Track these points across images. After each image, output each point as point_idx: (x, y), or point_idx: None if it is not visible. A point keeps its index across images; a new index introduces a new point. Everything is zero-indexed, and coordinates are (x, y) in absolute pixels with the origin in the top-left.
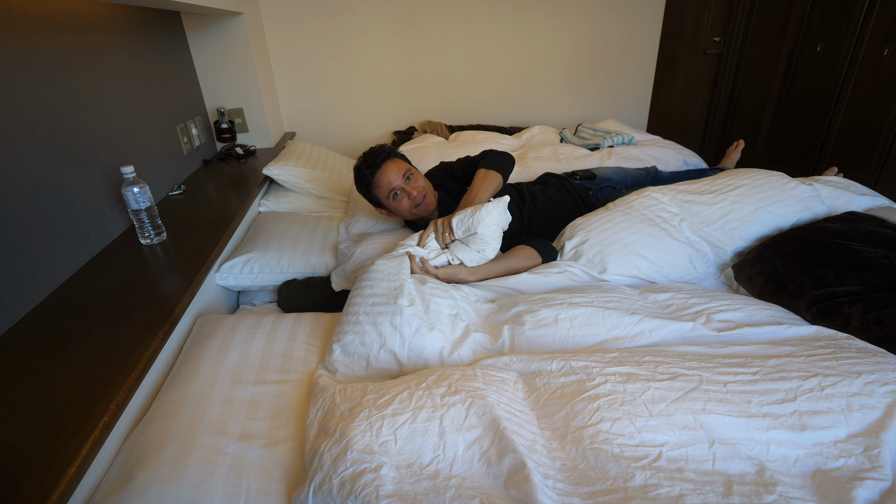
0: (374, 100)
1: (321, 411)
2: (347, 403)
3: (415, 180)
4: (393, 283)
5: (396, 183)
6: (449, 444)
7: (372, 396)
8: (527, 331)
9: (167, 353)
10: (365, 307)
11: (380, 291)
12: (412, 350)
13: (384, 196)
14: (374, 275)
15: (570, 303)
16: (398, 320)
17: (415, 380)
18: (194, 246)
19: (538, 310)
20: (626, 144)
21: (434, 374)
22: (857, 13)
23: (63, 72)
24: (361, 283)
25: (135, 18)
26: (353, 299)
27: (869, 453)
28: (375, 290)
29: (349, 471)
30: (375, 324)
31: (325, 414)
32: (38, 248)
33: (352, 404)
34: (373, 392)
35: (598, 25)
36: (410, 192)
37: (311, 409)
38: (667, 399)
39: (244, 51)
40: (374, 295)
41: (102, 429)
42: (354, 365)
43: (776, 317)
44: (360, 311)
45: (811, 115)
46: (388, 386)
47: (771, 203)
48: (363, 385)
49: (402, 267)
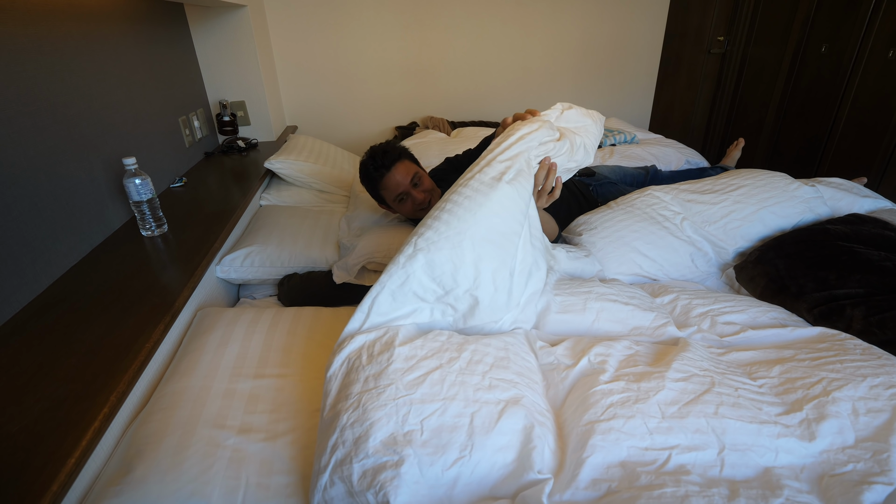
0: (376, 94)
1: (346, 366)
2: (374, 367)
3: (422, 185)
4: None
5: (404, 188)
6: (477, 446)
7: (400, 367)
8: (553, 314)
9: (167, 346)
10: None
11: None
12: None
13: (391, 198)
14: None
15: (598, 293)
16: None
17: (447, 355)
18: (195, 238)
19: (565, 296)
20: (628, 143)
21: (467, 349)
22: (863, 14)
23: (66, 62)
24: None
25: (139, 10)
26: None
27: (878, 458)
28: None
29: (370, 461)
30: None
31: (349, 371)
32: (39, 238)
33: (378, 369)
34: (401, 360)
35: (602, 23)
36: (416, 196)
37: (336, 357)
38: (680, 401)
39: (247, 44)
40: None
41: (103, 420)
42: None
43: (780, 319)
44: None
45: (815, 117)
46: (419, 357)
47: (773, 204)
48: (391, 344)
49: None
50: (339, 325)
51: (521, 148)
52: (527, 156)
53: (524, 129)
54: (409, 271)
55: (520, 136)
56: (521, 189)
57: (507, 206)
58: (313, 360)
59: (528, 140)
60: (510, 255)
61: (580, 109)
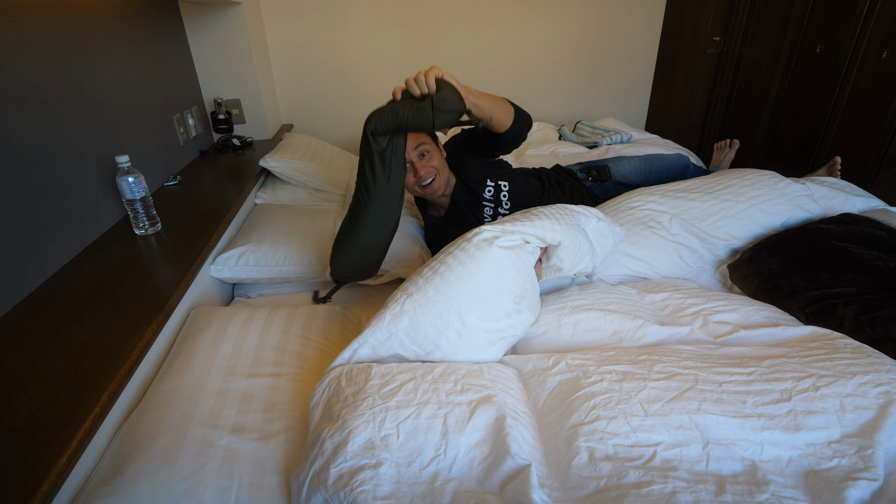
0: (372, 93)
1: (327, 392)
2: (352, 387)
3: (429, 159)
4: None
5: (409, 156)
6: (451, 444)
7: (377, 382)
8: (530, 339)
9: (160, 345)
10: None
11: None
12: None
13: None
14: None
15: (571, 307)
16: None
17: (421, 370)
18: (189, 237)
19: (540, 317)
20: (624, 143)
21: (440, 366)
22: (857, 15)
23: (58, 59)
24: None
25: (132, 6)
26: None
27: (862, 454)
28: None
29: (348, 464)
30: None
31: (330, 397)
32: (30, 236)
33: (356, 388)
34: (377, 377)
35: (599, 23)
36: (419, 169)
37: (318, 386)
38: (662, 399)
39: (242, 41)
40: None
41: (94, 420)
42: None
43: (772, 318)
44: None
45: (809, 117)
46: (394, 373)
47: (763, 201)
48: (368, 367)
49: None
50: (333, 324)
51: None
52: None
53: (540, 221)
54: (393, 331)
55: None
56: (516, 258)
57: (499, 273)
58: (307, 359)
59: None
60: (497, 319)
61: (609, 224)
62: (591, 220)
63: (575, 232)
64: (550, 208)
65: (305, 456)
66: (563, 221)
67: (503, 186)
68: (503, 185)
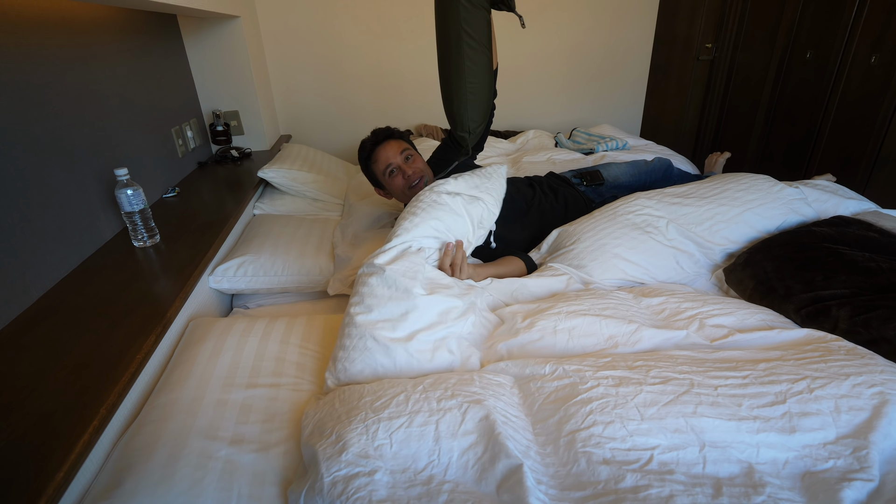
0: (370, 104)
1: (319, 413)
2: (345, 406)
3: (413, 162)
4: (402, 304)
5: (394, 160)
6: (444, 449)
7: (369, 399)
8: (526, 344)
9: (159, 357)
10: (371, 331)
11: (391, 315)
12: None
13: (380, 172)
14: (377, 297)
15: (567, 312)
16: (413, 347)
17: (411, 382)
18: (188, 248)
19: (536, 322)
20: (619, 149)
21: (431, 377)
22: (846, 21)
23: (58, 73)
24: (361, 305)
25: (132, 21)
26: (352, 324)
27: (857, 454)
28: (388, 315)
29: (342, 472)
30: (388, 352)
31: (323, 416)
32: (29, 249)
33: (349, 407)
34: (370, 394)
35: (593, 31)
36: (406, 170)
37: (309, 410)
38: (658, 402)
39: (240, 54)
40: (387, 321)
41: (92, 433)
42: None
43: (767, 321)
44: (368, 336)
45: (802, 121)
46: (385, 387)
47: (757, 205)
48: (361, 387)
49: (410, 285)
50: (332, 335)
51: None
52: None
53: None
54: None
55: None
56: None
57: (396, 282)
58: (306, 368)
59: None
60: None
61: (468, 180)
62: (449, 197)
63: (437, 212)
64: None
65: (301, 479)
66: (420, 215)
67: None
68: None
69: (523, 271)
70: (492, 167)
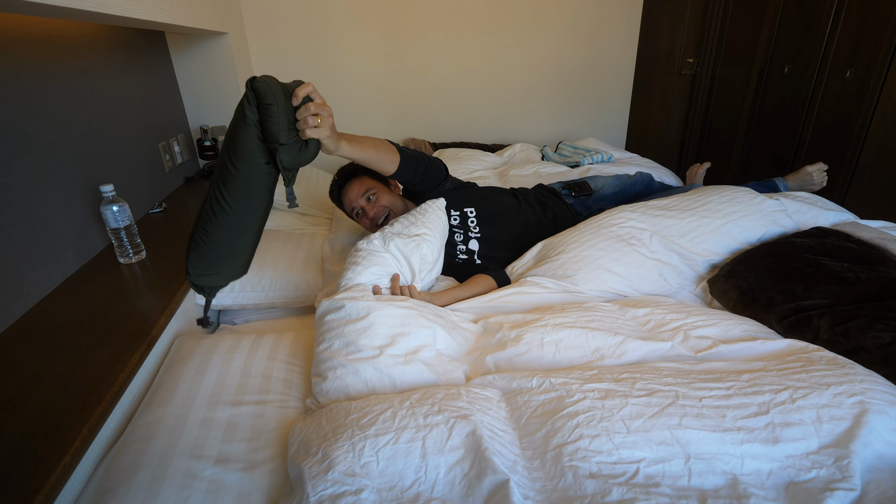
0: (357, 119)
1: (305, 431)
2: (332, 423)
3: (376, 200)
4: (362, 324)
5: (357, 203)
6: (431, 465)
7: (356, 416)
8: (513, 357)
9: (143, 375)
10: (340, 358)
11: (352, 339)
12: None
13: (349, 213)
14: (335, 328)
15: (553, 324)
16: (381, 363)
17: (398, 398)
18: (174, 265)
19: (523, 335)
20: (605, 162)
21: (418, 392)
22: (820, 37)
23: (43, 91)
24: (324, 343)
25: (119, 38)
26: (325, 352)
27: (839, 464)
28: (348, 339)
29: (329, 491)
30: (357, 372)
31: (309, 434)
32: (11, 267)
33: (336, 424)
34: (356, 411)
35: (577, 46)
36: (369, 212)
37: (296, 427)
38: (644, 415)
39: (228, 70)
40: (349, 344)
41: (74, 454)
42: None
43: (751, 332)
44: (338, 365)
45: (781, 133)
46: (372, 404)
47: (739, 217)
48: (347, 404)
49: (364, 304)
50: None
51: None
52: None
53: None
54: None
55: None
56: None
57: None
58: (294, 385)
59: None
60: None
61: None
62: (382, 242)
63: (375, 258)
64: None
65: (288, 489)
66: (362, 263)
67: (469, 213)
68: (469, 212)
69: (493, 289)
70: (427, 202)
